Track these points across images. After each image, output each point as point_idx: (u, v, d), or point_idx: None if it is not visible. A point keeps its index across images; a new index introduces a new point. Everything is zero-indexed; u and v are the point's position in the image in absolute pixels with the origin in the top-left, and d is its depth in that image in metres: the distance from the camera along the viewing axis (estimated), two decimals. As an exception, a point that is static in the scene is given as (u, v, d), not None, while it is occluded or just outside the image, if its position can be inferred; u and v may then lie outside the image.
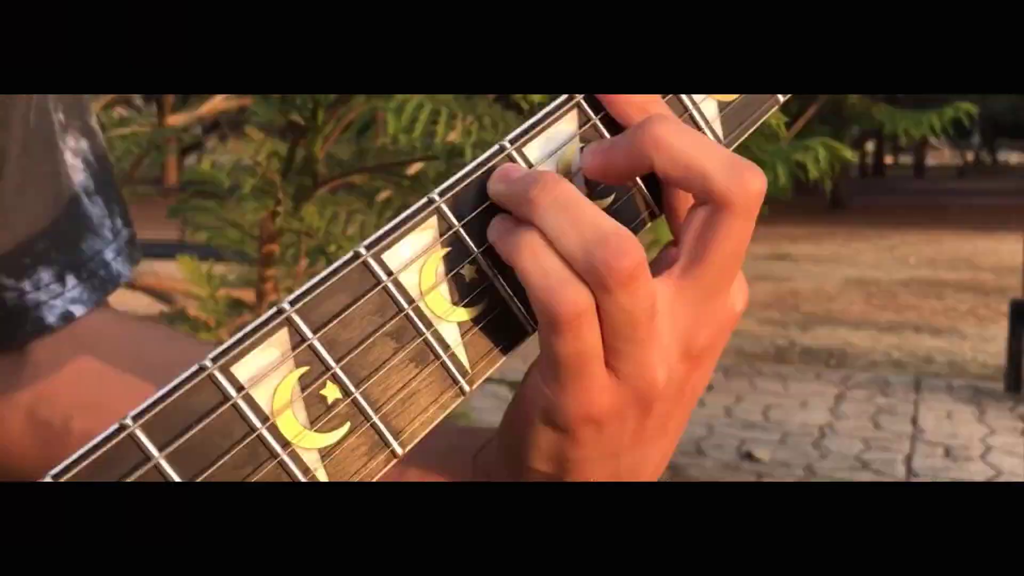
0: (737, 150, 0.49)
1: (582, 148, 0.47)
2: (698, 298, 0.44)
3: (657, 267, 0.46)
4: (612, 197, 0.47)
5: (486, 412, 3.87)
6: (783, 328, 7.75)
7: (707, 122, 0.50)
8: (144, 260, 0.69)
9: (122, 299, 0.66)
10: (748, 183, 0.43)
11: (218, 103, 2.27)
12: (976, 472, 4.53)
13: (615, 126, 0.47)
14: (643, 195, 0.48)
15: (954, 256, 12.05)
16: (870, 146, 30.85)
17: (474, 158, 0.46)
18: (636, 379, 0.44)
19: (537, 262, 0.42)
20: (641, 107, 0.47)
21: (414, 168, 1.47)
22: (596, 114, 0.47)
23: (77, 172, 0.62)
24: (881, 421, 5.35)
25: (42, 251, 0.60)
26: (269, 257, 1.26)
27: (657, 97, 0.48)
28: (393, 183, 1.35)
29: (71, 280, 0.61)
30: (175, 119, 2.17)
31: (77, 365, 0.61)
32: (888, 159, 36.13)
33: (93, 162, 0.63)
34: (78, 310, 0.61)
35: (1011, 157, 40.13)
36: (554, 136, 0.47)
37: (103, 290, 0.63)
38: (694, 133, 0.44)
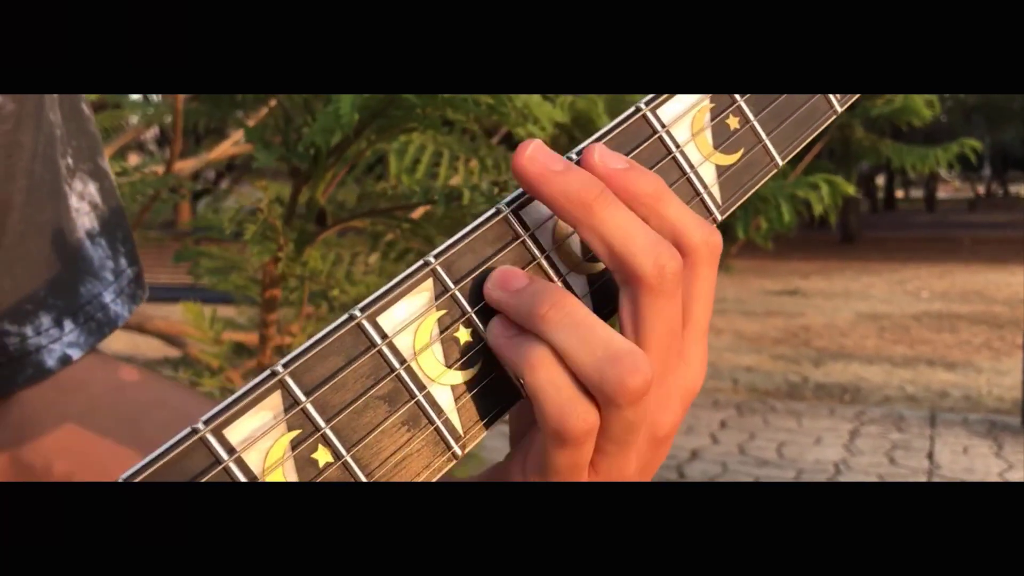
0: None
1: None
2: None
3: None
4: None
5: (497, 453, 3.85)
6: (796, 364, 7.71)
7: (705, 187, 0.50)
8: (155, 304, 0.70)
9: (133, 343, 0.67)
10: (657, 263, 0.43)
11: (227, 148, 2.29)
12: (994, 507, 4.47)
13: None
14: None
15: (967, 289, 11.99)
16: (880, 180, 30.88)
17: (472, 201, 0.46)
18: (612, 473, 0.45)
19: (549, 379, 0.42)
20: (582, 203, 0.44)
21: (419, 212, 1.48)
22: None
23: (82, 216, 0.63)
24: (896, 457, 5.30)
25: (42, 297, 0.61)
26: (272, 302, 1.27)
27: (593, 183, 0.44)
28: (395, 227, 1.35)
29: (68, 324, 0.62)
30: (183, 164, 2.19)
31: (59, 410, 0.62)
32: (899, 193, 36.14)
33: (100, 204, 0.64)
34: (75, 353, 0.62)
35: (1022, 189, 40.06)
36: None
37: (100, 333, 0.64)
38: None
